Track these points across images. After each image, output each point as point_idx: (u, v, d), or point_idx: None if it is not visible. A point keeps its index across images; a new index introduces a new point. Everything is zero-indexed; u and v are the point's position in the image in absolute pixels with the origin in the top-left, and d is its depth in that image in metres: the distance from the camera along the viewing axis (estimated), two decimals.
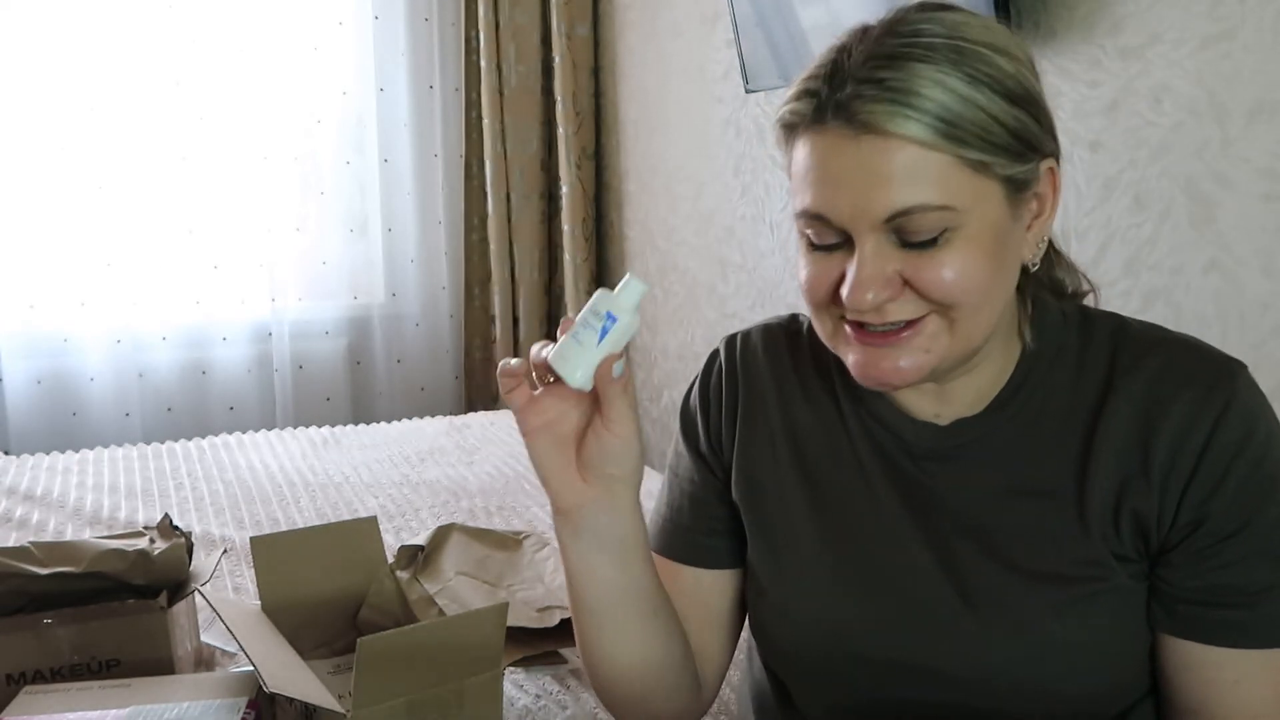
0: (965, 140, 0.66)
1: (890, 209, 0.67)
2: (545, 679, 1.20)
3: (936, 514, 0.78)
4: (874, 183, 0.67)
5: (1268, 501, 0.71)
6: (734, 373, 0.90)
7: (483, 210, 3.11)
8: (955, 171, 0.67)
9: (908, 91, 0.66)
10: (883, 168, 0.66)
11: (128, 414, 2.80)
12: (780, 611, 0.83)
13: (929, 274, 0.69)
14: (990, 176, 0.68)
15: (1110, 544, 0.73)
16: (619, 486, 0.75)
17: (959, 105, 0.66)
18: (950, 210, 0.67)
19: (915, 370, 0.72)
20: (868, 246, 0.69)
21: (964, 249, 0.68)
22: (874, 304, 0.69)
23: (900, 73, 0.66)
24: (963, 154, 0.67)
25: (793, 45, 2.00)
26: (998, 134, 0.67)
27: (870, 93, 0.66)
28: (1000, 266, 0.71)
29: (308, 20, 2.87)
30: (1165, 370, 0.74)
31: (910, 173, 0.66)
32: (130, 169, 2.72)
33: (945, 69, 0.66)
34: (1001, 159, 0.68)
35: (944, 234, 0.68)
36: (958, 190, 0.67)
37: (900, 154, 0.66)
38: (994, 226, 0.70)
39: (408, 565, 1.44)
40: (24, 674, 1.06)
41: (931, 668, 0.77)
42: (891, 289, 0.69)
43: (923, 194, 0.66)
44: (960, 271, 0.68)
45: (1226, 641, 0.72)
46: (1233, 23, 1.29)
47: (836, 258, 0.71)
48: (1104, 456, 0.74)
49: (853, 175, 0.67)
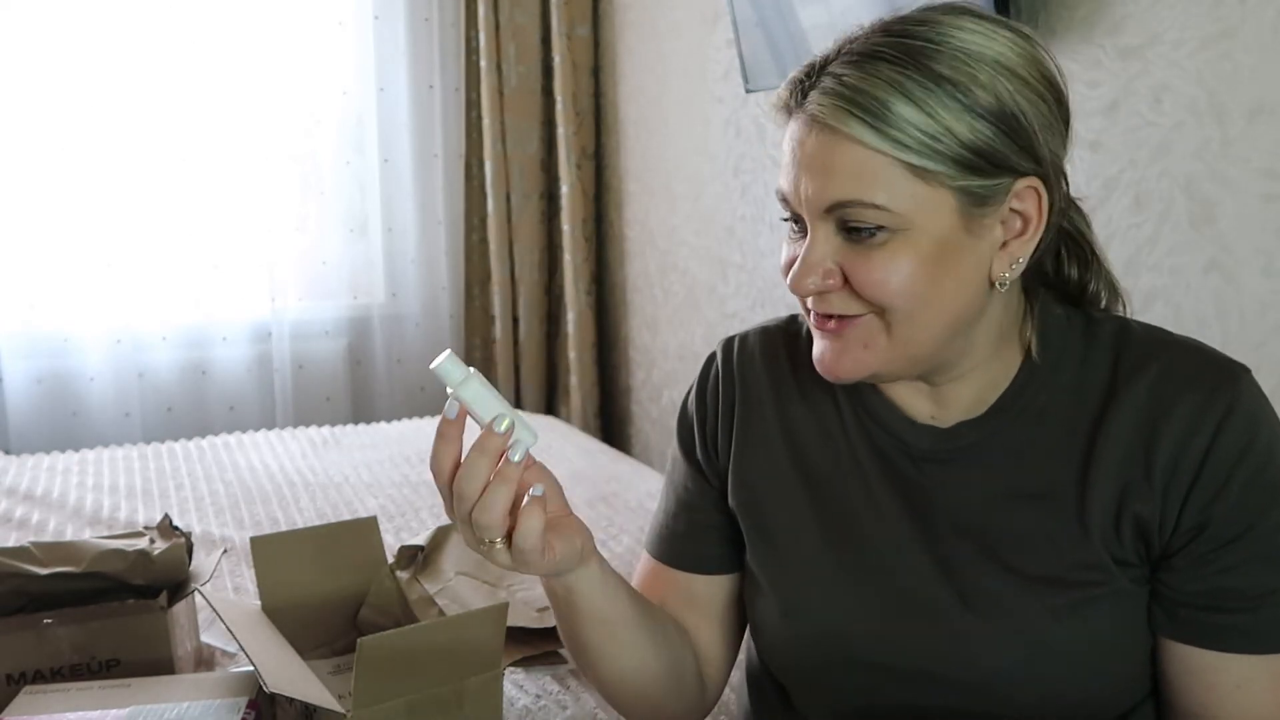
0: (907, 145, 0.68)
1: (829, 200, 0.70)
2: (545, 679, 1.20)
3: (936, 516, 0.78)
4: (818, 173, 0.70)
5: (1270, 506, 0.71)
6: (730, 376, 0.90)
7: (483, 210, 3.11)
8: (896, 175, 0.68)
9: (859, 91, 0.68)
10: (827, 160, 0.70)
11: (128, 414, 2.80)
12: (781, 614, 0.83)
13: (862, 272, 0.71)
14: (939, 185, 0.69)
15: (1111, 548, 0.73)
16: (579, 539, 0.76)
17: (909, 111, 0.67)
18: (884, 211, 0.69)
19: (856, 365, 0.74)
20: (817, 233, 0.72)
21: (901, 253, 0.70)
22: (812, 289, 0.73)
23: (861, 72, 0.69)
24: (904, 159, 0.68)
25: (793, 45, 2.00)
26: (947, 144, 0.68)
27: (828, 86, 0.70)
28: (942, 276, 0.70)
29: (308, 20, 2.87)
30: (1168, 374, 0.73)
31: (850, 170, 0.69)
32: (130, 169, 2.72)
33: (909, 72, 0.67)
34: (950, 169, 0.68)
35: (882, 232, 0.70)
36: (898, 194, 0.69)
37: (843, 150, 0.69)
38: (939, 236, 0.70)
39: (408, 565, 1.44)
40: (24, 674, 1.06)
41: (930, 671, 0.76)
42: (832, 279, 0.72)
43: (856, 190, 0.69)
44: (892, 275, 0.70)
45: (1228, 646, 0.72)
46: (1233, 23, 1.29)
47: (798, 244, 0.75)
48: (1106, 460, 0.73)
49: (807, 163, 0.71)
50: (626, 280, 3.04)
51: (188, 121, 2.77)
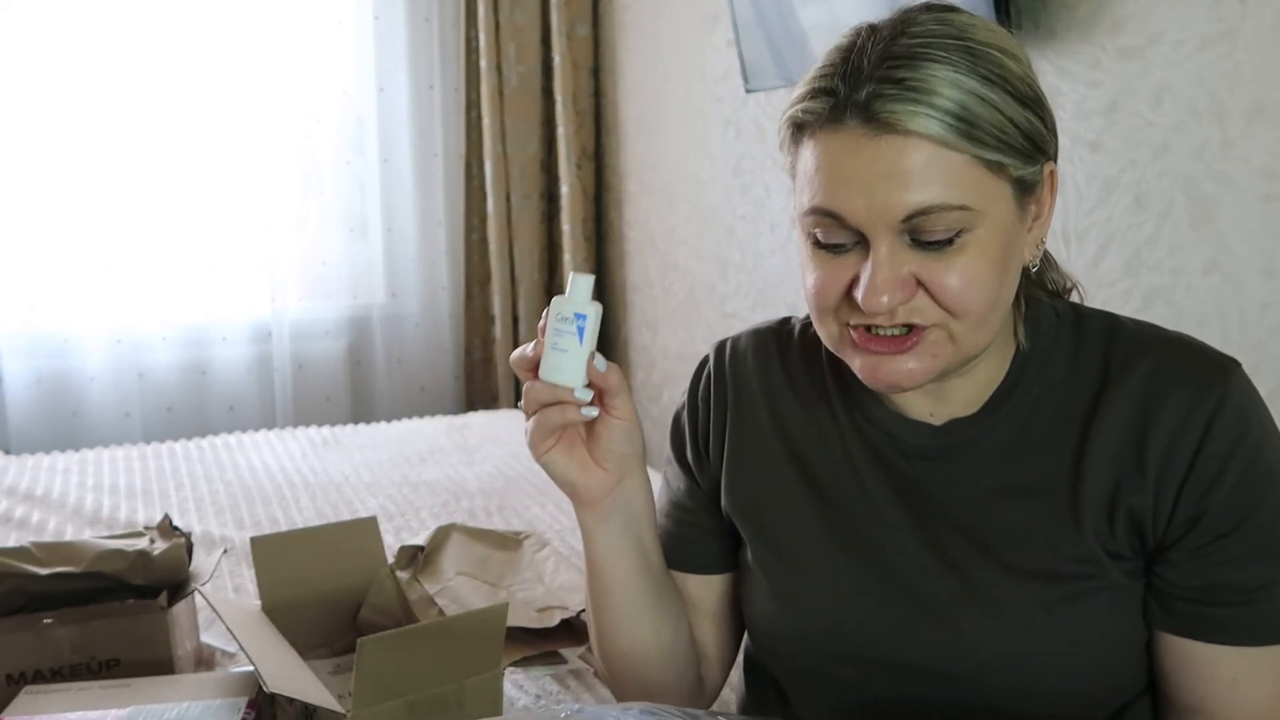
0: (983, 141, 0.67)
1: (909, 209, 0.67)
2: (545, 679, 1.20)
3: (931, 513, 0.78)
4: (893, 182, 0.67)
5: (1264, 498, 0.71)
6: (722, 380, 0.90)
7: (483, 210, 3.11)
8: (972, 172, 0.67)
9: (928, 91, 0.66)
10: (902, 167, 0.66)
11: (128, 414, 2.80)
12: (777, 610, 0.84)
13: (942, 278, 0.68)
14: (1003, 178, 0.69)
15: (1104, 542, 0.73)
16: (633, 462, 0.82)
17: (977, 106, 0.66)
18: (967, 210, 0.67)
19: (924, 373, 0.72)
20: (883, 248, 0.68)
21: (976, 255, 0.69)
22: (889, 306, 0.69)
23: (918, 73, 0.66)
24: (980, 154, 0.67)
25: (793, 45, 2.00)
26: (1012, 135, 0.68)
27: (891, 91, 0.66)
28: (1006, 272, 0.71)
29: (308, 20, 2.87)
30: (1159, 368, 0.74)
31: (929, 172, 0.66)
32: (130, 169, 2.72)
33: (961, 70, 0.66)
34: (1015, 160, 0.69)
35: (959, 236, 0.68)
36: (975, 191, 0.67)
37: (919, 153, 0.66)
38: (1005, 230, 0.70)
39: (408, 565, 1.44)
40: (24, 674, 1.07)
41: (927, 667, 0.77)
42: (906, 291, 0.69)
43: (941, 193, 0.67)
44: (971, 278, 0.69)
45: (1224, 639, 0.72)
46: (1233, 23, 1.29)
47: (847, 260, 0.71)
48: (1098, 454, 0.74)
49: (870, 175, 0.67)
50: (626, 280, 3.04)
51: (188, 121, 2.77)
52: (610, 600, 0.86)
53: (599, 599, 0.87)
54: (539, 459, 0.80)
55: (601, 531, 0.83)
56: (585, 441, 0.80)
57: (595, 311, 0.75)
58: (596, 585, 0.86)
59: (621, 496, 0.82)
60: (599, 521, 0.82)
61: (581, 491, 0.81)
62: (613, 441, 0.79)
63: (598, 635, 0.90)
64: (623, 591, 0.85)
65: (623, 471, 0.81)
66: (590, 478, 0.80)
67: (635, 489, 0.83)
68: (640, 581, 0.85)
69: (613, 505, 0.82)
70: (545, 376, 0.75)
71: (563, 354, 0.74)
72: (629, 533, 0.83)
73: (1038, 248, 0.75)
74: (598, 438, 0.80)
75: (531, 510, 1.88)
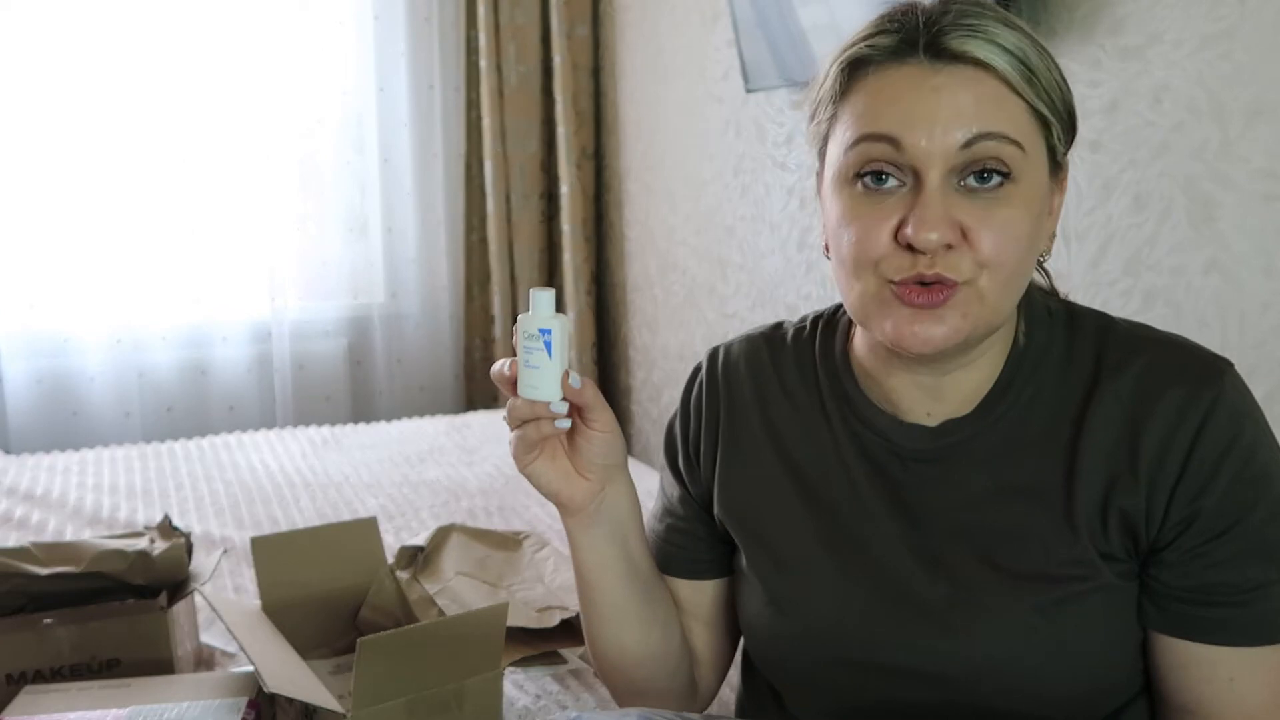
0: (1039, 91, 0.70)
1: (970, 134, 0.68)
2: (545, 679, 1.20)
3: (924, 515, 0.78)
4: (956, 111, 0.69)
5: (1258, 499, 0.71)
6: (715, 387, 0.90)
7: (483, 210, 3.11)
8: (1026, 118, 0.70)
9: (997, 35, 0.69)
10: (968, 96, 0.69)
11: (128, 414, 2.80)
12: (772, 614, 0.84)
13: (985, 226, 0.69)
14: (1044, 138, 0.72)
15: (1098, 543, 0.73)
16: (616, 472, 0.83)
17: (1035, 57, 0.70)
18: (1019, 149, 0.70)
19: (953, 333, 0.71)
20: (935, 182, 0.69)
21: (1017, 207, 0.70)
22: (939, 243, 0.69)
23: (985, 23, 0.70)
24: (1035, 104, 0.70)
25: (793, 45, 2.00)
26: (1060, 99, 0.72)
27: (963, 30, 0.69)
28: (1036, 237, 0.73)
29: (308, 20, 2.87)
30: (1152, 369, 0.74)
31: (992, 105, 0.69)
32: (131, 169, 2.72)
33: (1017, 31, 0.70)
34: (1058, 125, 0.72)
35: (1004, 183, 0.69)
36: (1028, 135, 0.70)
37: (984, 87, 0.69)
38: (1039, 193, 0.72)
39: (408, 565, 1.44)
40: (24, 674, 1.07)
41: (921, 669, 0.77)
42: (954, 234, 0.69)
43: (1001, 125, 0.69)
44: (1011, 232, 0.70)
45: (1220, 639, 0.72)
46: (1233, 23, 1.29)
47: (890, 204, 0.71)
48: (1091, 455, 0.74)
49: (935, 105, 0.69)
50: (626, 280, 3.04)
51: (188, 121, 2.77)
52: (597, 604, 0.87)
53: (587, 602, 0.88)
54: (522, 470, 0.81)
55: (587, 539, 0.84)
56: (568, 452, 0.82)
57: (561, 325, 0.76)
58: (584, 589, 0.87)
59: (605, 505, 0.83)
60: (584, 529, 0.84)
61: (565, 501, 0.82)
62: (594, 453, 0.80)
63: (588, 635, 0.91)
64: (609, 596, 0.86)
65: (605, 481, 0.82)
66: (573, 487, 0.81)
67: (619, 498, 0.84)
68: (627, 586, 0.86)
69: (596, 514, 0.83)
70: (522, 394, 0.77)
71: (535, 370, 0.76)
72: (614, 540, 0.84)
73: (1051, 240, 0.77)
74: (579, 449, 0.81)
75: (531, 510, 1.88)
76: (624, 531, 0.85)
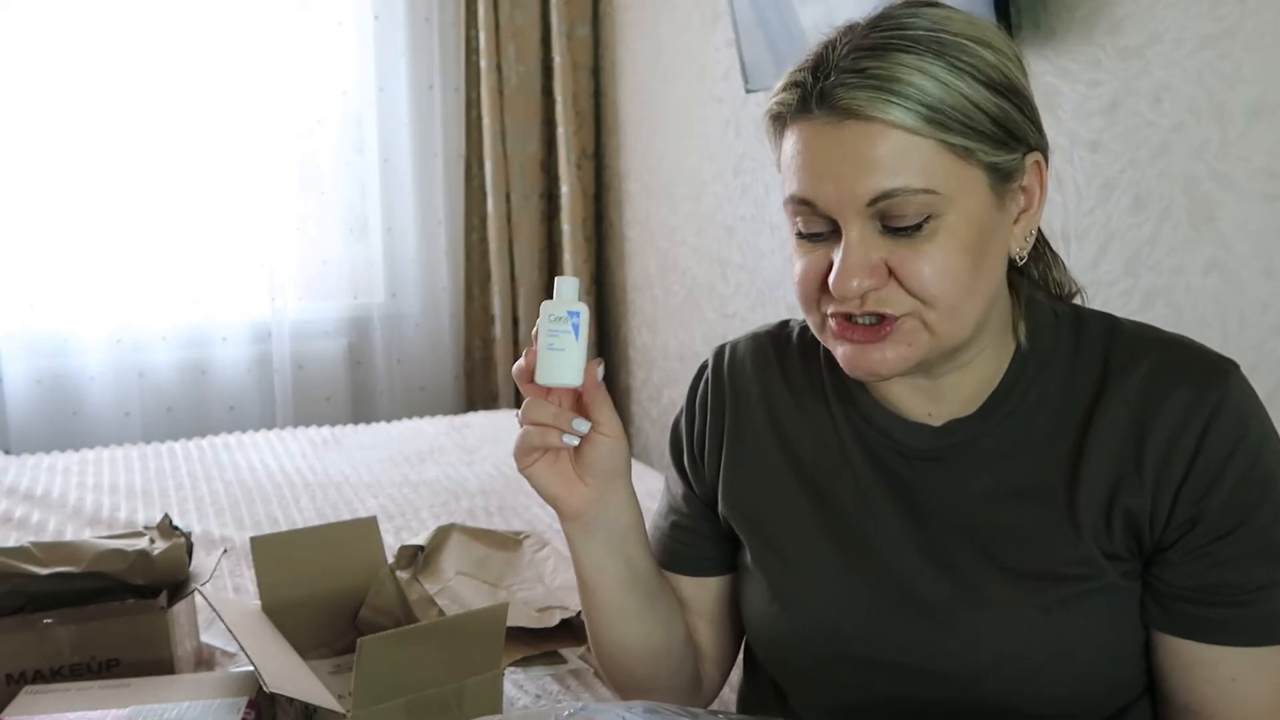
0: (948, 126, 0.67)
1: (873, 192, 0.68)
2: (545, 679, 1.20)
3: (929, 514, 0.79)
4: (858, 168, 0.68)
5: (1263, 500, 0.71)
6: (720, 385, 0.91)
7: (483, 210, 3.11)
8: (938, 157, 0.68)
9: (890, 79, 0.67)
10: (866, 153, 0.68)
11: (128, 414, 2.80)
12: (776, 611, 0.84)
13: (912, 265, 0.69)
14: (974, 164, 0.69)
15: (1101, 543, 0.74)
16: (617, 480, 0.82)
17: (941, 92, 0.67)
18: (933, 194, 0.68)
19: (901, 361, 0.72)
20: (854, 233, 0.70)
21: (946, 242, 0.69)
22: (858, 291, 0.70)
23: (883, 62, 0.68)
24: (946, 139, 0.68)
25: (793, 45, 2.00)
26: (979, 120, 0.68)
27: (853, 80, 0.68)
28: (982, 260, 0.71)
29: (308, 20, 2.87)
30: (1158, 370, 0.74)
31: (893, 158, 0.67)
32: (131, 169, 2.72)
33: (927, 59, 0.67)
34: (984, 145, 0.69)
35: (928, 222, 0.69)
36: (941, 176, 0.68)
37: (883, 139, 0.67)
38: (978, 217, 0.70)
39: (408, 565, 1.44)
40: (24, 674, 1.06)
41: (925, 668, 0.77)
42: (876, 277, 0.70)
43: (905, 178, 0.67)
44: (941, 267, 0.69)
45: (1223, 639, 0.72)
46: (1233, 23, 1.29)
47: (824, 249, 0.72)
48: (1096, 456, 0.74)
49: (837, 161, 0.69)
50: (626, 280, 3.04)
51: (188, 121, 2.77)
52: (598, 605, 0.87)
53: (588, 603, 0.88)
54: (522, 471, 0.81)
55: (585, 544, 0.84)
56: (570, 456, 0.81)
57: (585, 312, 0.76)
58: (585, 592, 0.87)
59: (604, 513, 0.83)
60: (582, 534, 0.84)
61: (563, 506, 0.82)
62: (597, 458, 0.80)
63: (591, 634, 0.91)
64: (610, 598, 0.86)
65: (605, 489, 0.82)
66: (572, 493, 0.81)
67: (619, 506, 0.83)
68: (627, 590, 0.86)
69: (595, 520, 0.83)
70: (542, 379, 0.76)
71: (559, 353, 0.75)
72: (613, 546, 0.84)
73: (1026, 239, 0.75)
74: (582, 453, 0.80)
75: (531, 510, 1.88)
76: (623, 539, 0.85)
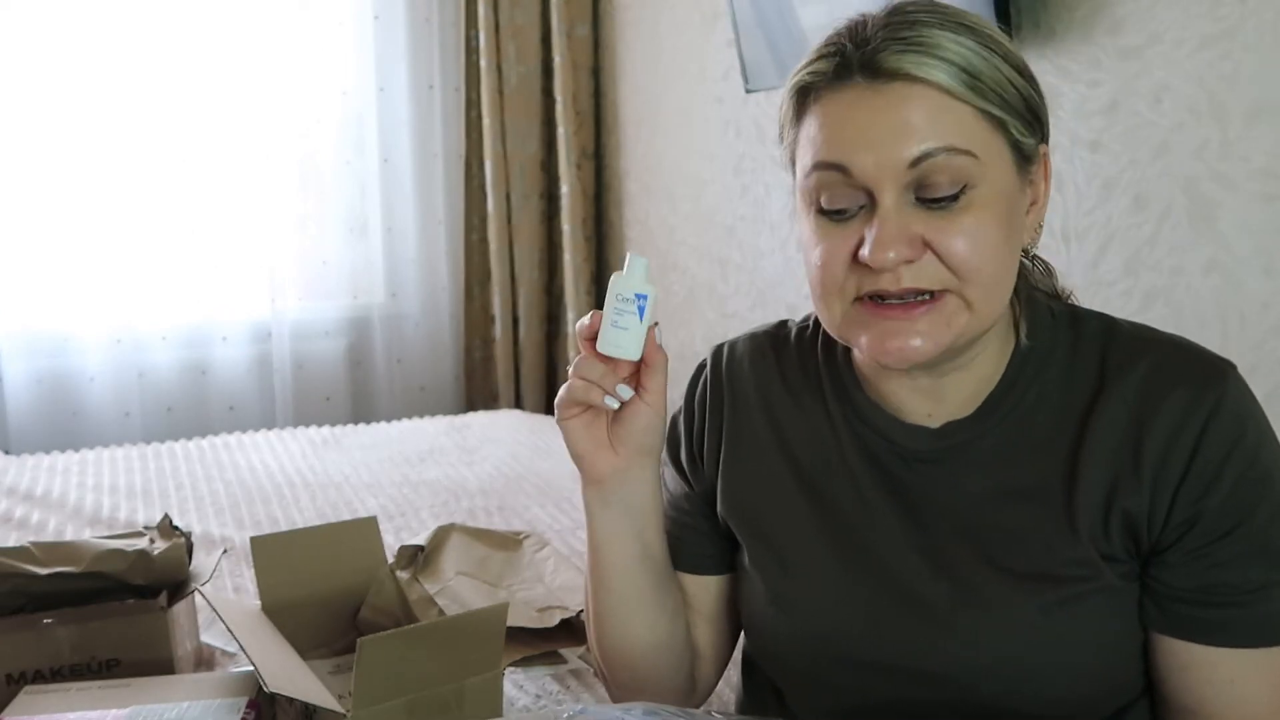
0: (985, 94, 0.69)
1: (916, 152, 0.68)
2: (545, 679, 1.20)
3: (927, 516, 0.79)
4: (900, 131, 0.68)
5: (1261, 500, 0.71)
6: (719, 385, 0.91)
7: (483, 210, 3.11)
8: (976, 123, 0.69)
9: (932, 45, 0.69)
10: (909, 115, 0.68)
11: (128, 414, 2.80)
12: (775, 613, 0.84)
13: (949, 237, 0.69)
14: (1004, 137, 0.71)
15: (1099, 544, 0.73)
16: (646, 458, 0.82)
17: (978, 61, 0.69)
18: (972, 157, 0.69)
19: (935, 346, 0.71)
20: (889, 202, 0.69)
21: (982, 214, 0.69)
22: (895, 262, 0.69)
23: (920, 32, 0.69)
24: (983, 106, 0.69)
25: (793, 45, 2.00)
26: (1012, 95, 0.70)
27: (897, 46, 0.69)
28: (1010, 238, 0.72)
29: (308, 20, 2.87)
30: (1156, 370, 0.74)
31: (935, 120, 0.68)
32: (130, 169, 2.72)
33: (962, 33, 0.69)
34: (1015, 121, 0.71)
35: (964, 192, 0.69)
36: (980, 142, 0.69)
37: (925, 101, 0.68)
38: (1006, 193, 0.71)
39: (408, 565, 1.44)
40: (24, 674, 1.06)
41: (923, 669, 0.77)
42: (914, 249, 0.69)
43: (946, 138, 0.68)
44: (978, 239, 0.69)
45: (1221, 641, 0.72)
46: (1233, 23, 1.29)
47: (851, 227, 0.71)
48: (1094, 456, 0.74)
49: (878, 125, 0.69)
50: None
51: (188, 122, 2.77)
52: (606, 584, 0.86)
53: (596, 581, 0.87)
54: (560, 423, 0.81)
55: (603, 514, 0.84)
56: (609, 421, 0.81)
57: (654, 294, 0.77)
58: (595, 568, 0.87)
59: (625, 486, 0.82)
60: (601, 503, 0.84)
61: (588, 468, 0.82)
62: (634, 429, 0.80)
63: (594, 620, 0.90)
64: (619, 578, 0.85)
65: (632, 461, 0.82)
66: (600, 457, 0.81)
67: (641, 484, 0.83)
68: (638, 570, 0.85)
69: (615, 492, 0.83)
70: (603, 349, 0.77)
71: (622, 331, 0.77)
72: (630, 522, 0.84)
73: (1036, 231, 0.76)
74: (621, 420, 0.80)
75: (531, 510, 1.88)
76: (641, 518, 0.84)
